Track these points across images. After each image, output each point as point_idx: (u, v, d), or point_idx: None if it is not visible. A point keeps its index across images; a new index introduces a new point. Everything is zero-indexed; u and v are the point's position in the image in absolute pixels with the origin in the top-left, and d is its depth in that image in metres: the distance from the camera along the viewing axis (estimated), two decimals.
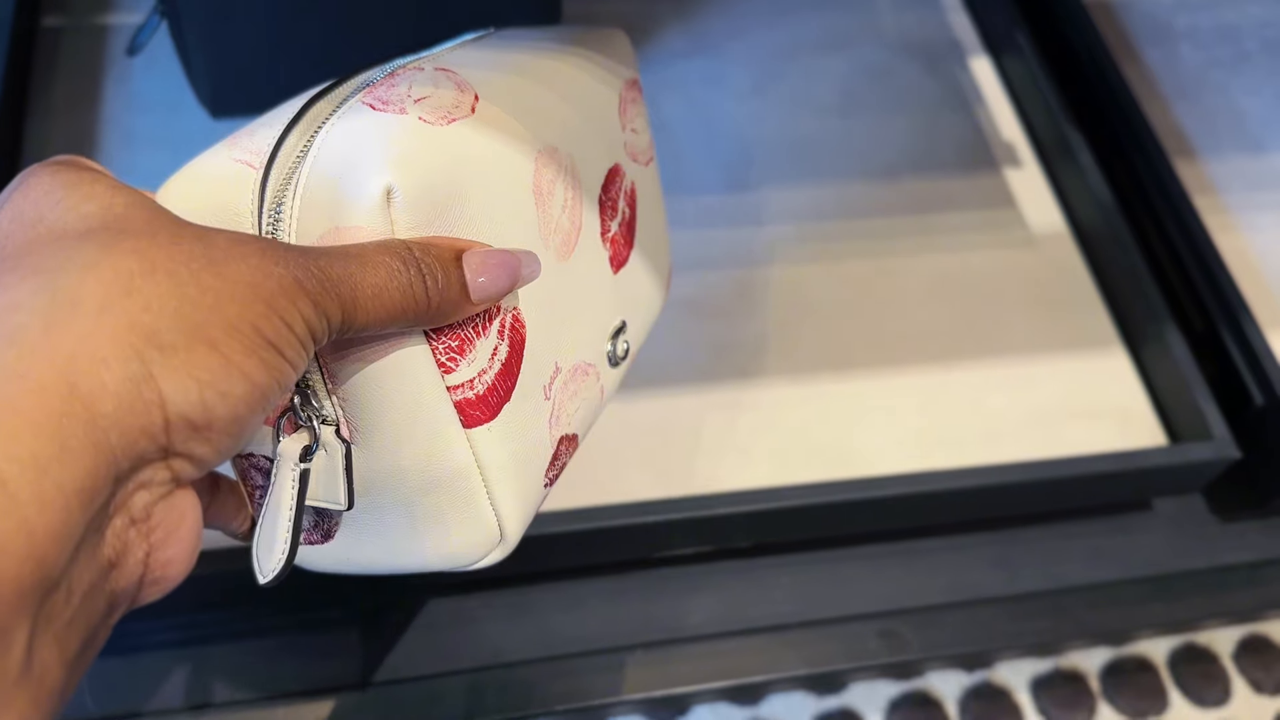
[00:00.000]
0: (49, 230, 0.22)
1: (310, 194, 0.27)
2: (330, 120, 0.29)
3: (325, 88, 0.30)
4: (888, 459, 0.48)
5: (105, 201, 0.23)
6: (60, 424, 0.19)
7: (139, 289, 0.21)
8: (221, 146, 0.29)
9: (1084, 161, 0.58)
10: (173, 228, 0.23)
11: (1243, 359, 0.52)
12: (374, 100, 0.29)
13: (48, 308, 0.20)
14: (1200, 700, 0.51)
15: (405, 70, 0.31)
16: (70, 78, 0.56)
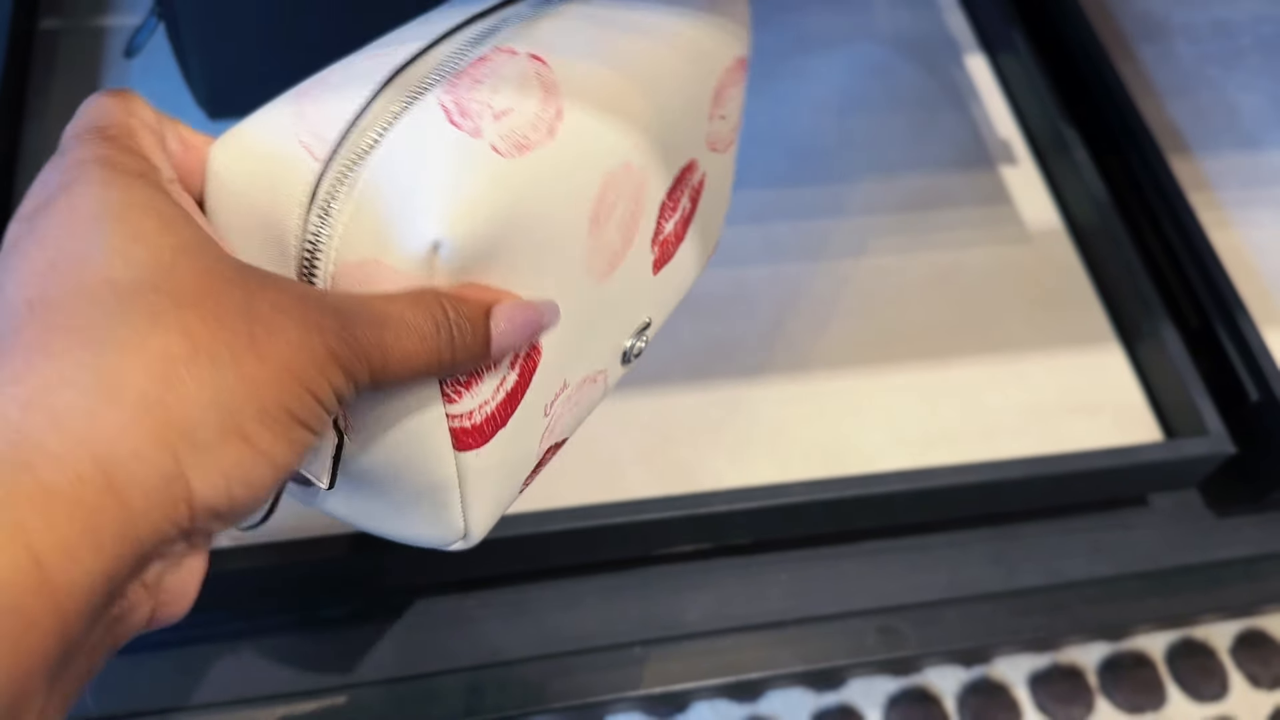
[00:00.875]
0: (95, 276, 0.22)
1: (361, 209, 0.27)
2: (402, 118, 0.27)
3: (407, 61, 0.28)
4: (885, 456, 0.49)
5: (154, 246, 0.22)
6: (95, 516, 0.19)
7: (180, 380, 0.21)
8: (288, 110, 0.28)
9: (1079, 158, 0.58)
10: (219, 291, 0.22)
11: (1238, 355, 0.52)
12: (453, 103, 0.28)
13: (92, 389, 0.20)
14: (1198, 695, 0.51)
15: (496, 55, 0.29)
16: (68, 79, 0.56)
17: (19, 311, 0.21)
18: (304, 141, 0.27)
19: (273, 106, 0.28)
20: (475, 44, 0.30)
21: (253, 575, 0.39)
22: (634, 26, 0.33)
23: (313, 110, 0.28)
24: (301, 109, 0.28)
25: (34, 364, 0.20)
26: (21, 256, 0.22)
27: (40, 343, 0.21)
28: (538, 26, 0.31)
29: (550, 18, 0.32)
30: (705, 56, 0.35)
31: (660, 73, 0.33)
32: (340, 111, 0.27)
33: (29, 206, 0.24)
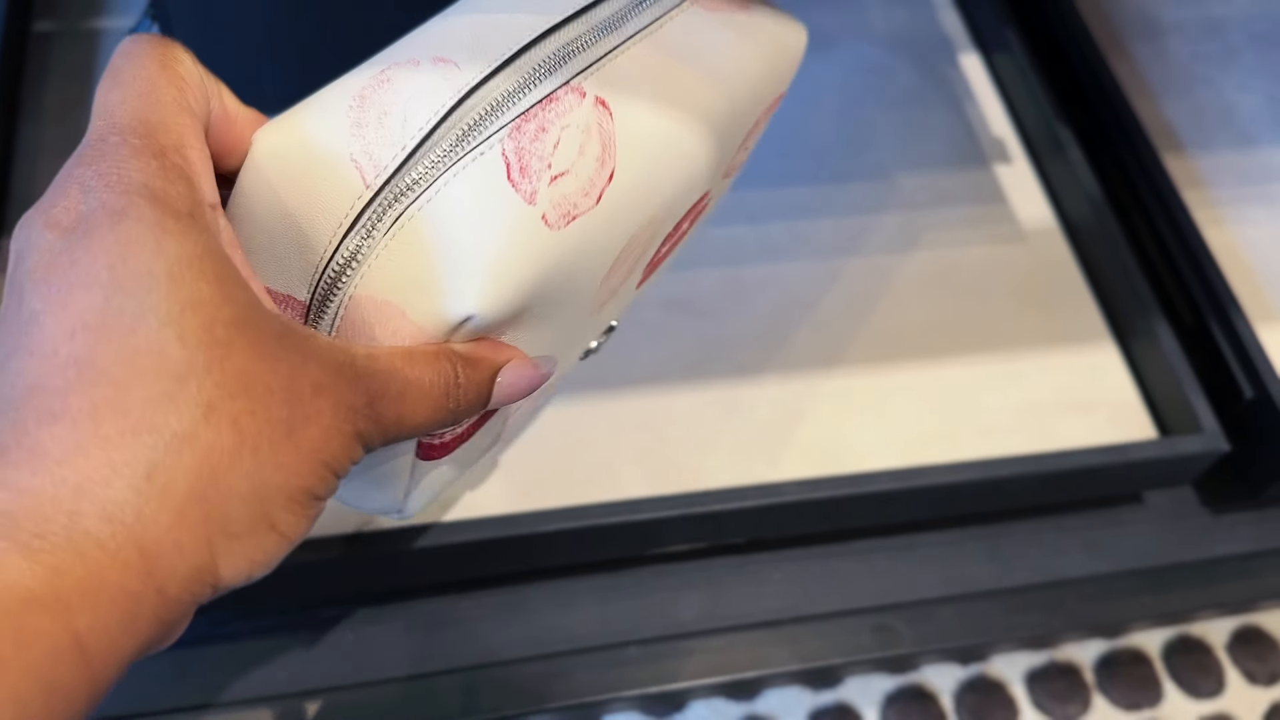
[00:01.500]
0: (147, 347, 0.21)
1: (398, 250, 0.26)
2: (463, 164, 0.27)
3: (473, 87, 0.28)
4: (880, 455, 0.49)
5: (209, 319, 0.22)
6: (135, 604, 0.20)
7: (225, 475, 0.22)
8: (347, 116, 0.27)
9: (1073, 157, 0.58)
10: (267, 376, 0.23)
11: (1232, 352, 0.52)
12: (515, 154, 0.28)
13: (144, 486, 0.21)
14: (1194, 692, 0.51)
15: (565, 97, 0.29)
16: (63, 82, 0.56)
17: (64, 367, 0.21)
18: (356, 160, 0.26)
19: (331, 102, 0.27)
20: (548, 72, 0.29)
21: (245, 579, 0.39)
22: (702, 63, 0.33)
23: (372, 126, 0.27)
24: (361, 120, 0.27)
25: (85, 447, 0.20)
26: (62, 288, 0.21)
27: (90, 420, 0.20)
28: (613, 62, 0.30)
29: (626, 50, 0.31)
30: (756, 98, 0.35)
31: (714, 121, 0.33)
32: (399, 138, 0.27)
33: (65, 215, 0.22)
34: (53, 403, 0.21)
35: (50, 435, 0.20)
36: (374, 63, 0.29)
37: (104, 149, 0.23)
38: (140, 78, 0.24)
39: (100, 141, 0.23)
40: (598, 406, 0.48)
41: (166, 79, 0.25)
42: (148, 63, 0.25)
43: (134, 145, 0.23)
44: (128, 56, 0.25)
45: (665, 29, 0.32)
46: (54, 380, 0.21)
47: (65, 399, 0.21)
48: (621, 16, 0.31)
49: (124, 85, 0.24)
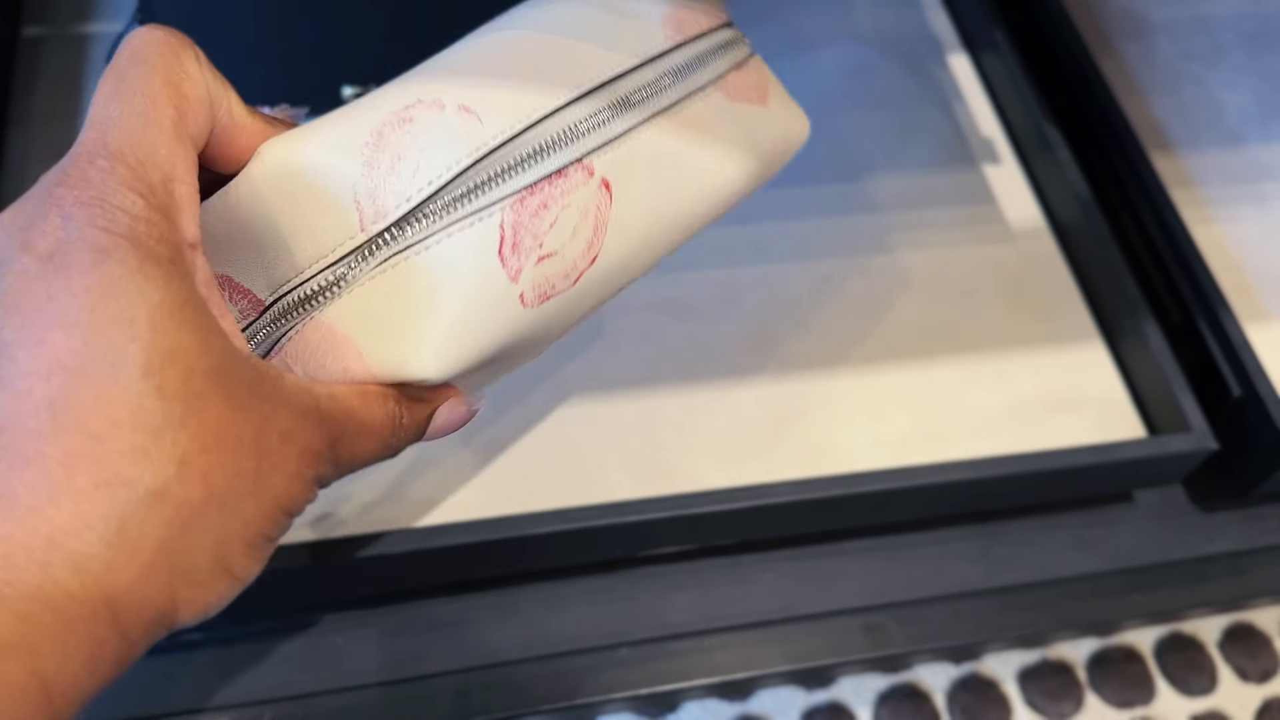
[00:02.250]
0: (125, 396, 0.21)
1: (374, 294, 0.26)
2: (461, 228, 0.27)
3: (496, 146, 0.28)
4: (869, 455, 0.49)
5: (187, 370, 0.22)
6: (99, 648, 0.21)
7: (192, 528, 0.22)
8: (360, 152, 0.27)
9: (1062, 157, 0.58)
10: (239, 427, 0.23)
11: (1220, 351, 0.52)
12: (512, 229, 0.28)
13: (114, 540, 0.21)
14: (1187, 689, 0.51)
15: (574, 174, 0.29)
16: (51, 87, 0.56)
17: (39, 409, 0.21)
18: (359, 201, 0.26)
19: (349, 132, 0.27)
20: (565, 143, 0.29)
21: None
22: (712, 156, 0.33)
23: (384, 169, 0.27)
24: (374, 161, 0.27)
25: (57, 497, 0.20)
26: (39, 324, 0.21)
27: (64, 469, 0.21)
28: (628, 142, 0.31)
29: (643, 129, 0.31)
30: (749, 188, 0.36)
31: (705, 211, 0.34)
32: (407, 188, 0.27)
33: (42, 240, 0.22)
34: (25, 446, 0.20)
35: (22, 481, 0.20)
36: (403, 88, 0.28)
37: (90, 174, 0.22)
38: (142, 93, 0.24)
39: (88, 163, 0.23)
40: (587, 408, 0.48)
41: (168, 98, 0.24)
42: (153, 76, 0.24)
43: (122, 176, 0.23)
44: (135, 61, 0.24)
45: (685, 112, 0.32)
46: (27, 421, 0.21)
47: (39, 444, 0.20)
48: (648, 91, 0.31)
49: (124, 98, 0.24)
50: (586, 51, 0.30)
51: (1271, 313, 0.55)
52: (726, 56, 0.34)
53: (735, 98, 0.34)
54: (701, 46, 0.34)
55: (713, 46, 0.34)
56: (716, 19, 0.35)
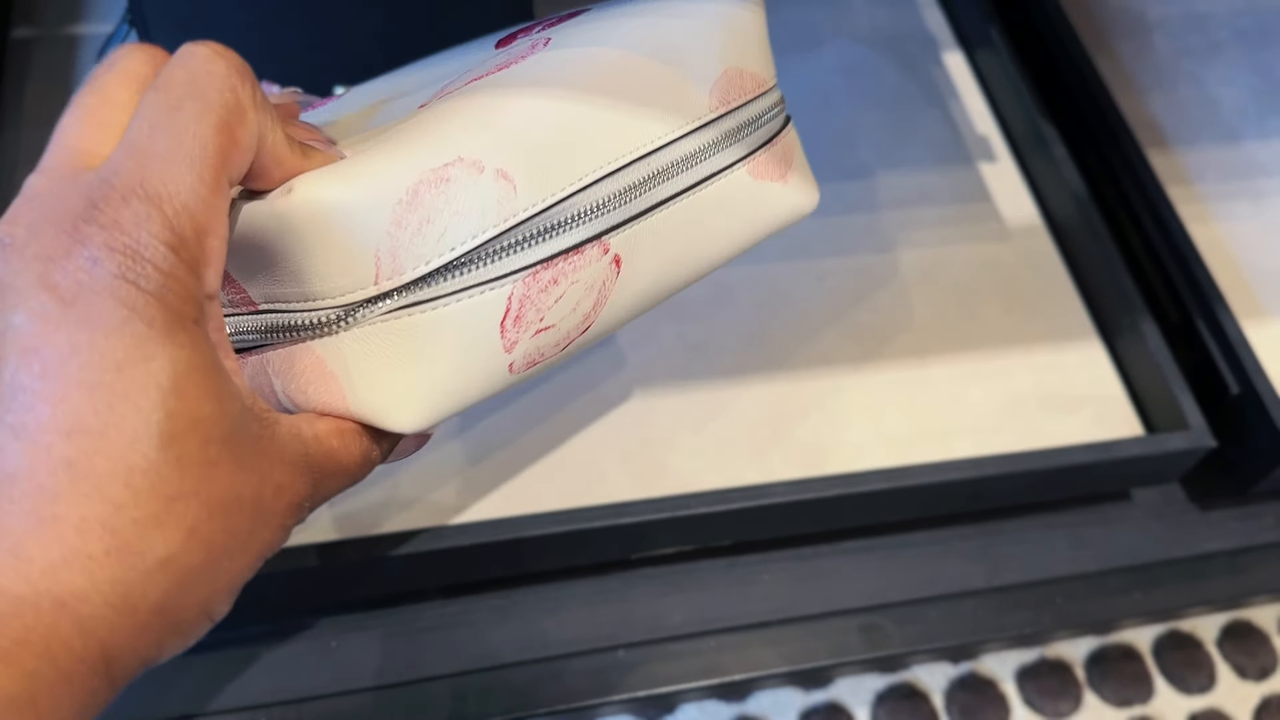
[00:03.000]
0: (142, 465, 0.21)
1: (369, 341, 0.27)
2: (472, 294, 0.27)
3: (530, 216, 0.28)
4: (866, 454, 0.49)
5: (204, 437, 0.22)
6: (92, 696, 0.21)
7: (189, 589, 0.22)
8: (392, 207, 0.26)
9: (1058, 154, 0.58)
10: (241, 490, 0.23)
11: (1218, 348, 0.52)
12: (519, 301, 0.28)
13: (119, 603, 0.21)
14: (1185, 687, 0.51)
15: (590, 250, 0.29)
16: (41, 88, 0.55)
17: (57, 468, 0.20)
18: (380, 256, 0.26)
19: (383, 182, 0.26)
20: (588, 218, 0.29)
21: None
22: (727, 234, 0.34)
23: (410, 230, 0.26)
24: (403, 220, 0.26)
25: (70, 561, 0.21)
26: (60, 377, 0.21)
27: (78, 534, 0.21)
28: (648, 221, 0.31)
29: (665, 209, 0.31)
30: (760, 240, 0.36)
31: (702, 276, 0.34)
32: (429, 252, 0.27)
33: (65, 279, 0.21)
34: (41, 506, 0.20)
35: (36, 542, 0.20)
36: (448, 129, 0.28)
37: (124, 216, 0.22)
38: (193, 134, 0.23)
39: (122, 203, 0.22)
40: (583, 409, 0.48)
41: (219, 146, 0.23)
42: (208, 116, 0.23)
43: (156, 226, 0.22)
44: (193, 93, 0.23)
45: (709, 190, 0.32)
46: (43, 477, 0.21)
47: (55, 505, 0.20)
48: (680, 168, 0.31)
49: (173, 134, 0.22)
50: (631, 114, 0.30)
51: (1269, 310, 0.55)
52: (763, 129, 0.34)
53: (759, 176, 0.34)
54: (742, 117, 0.33)
55: (752, 118, 0.34)
56: (764, 83, 0.34)
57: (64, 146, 0.23)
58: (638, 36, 0.31)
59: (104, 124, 0.23)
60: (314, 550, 0.40)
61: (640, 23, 0.32)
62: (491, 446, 0.46)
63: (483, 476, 0.45)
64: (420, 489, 0.44)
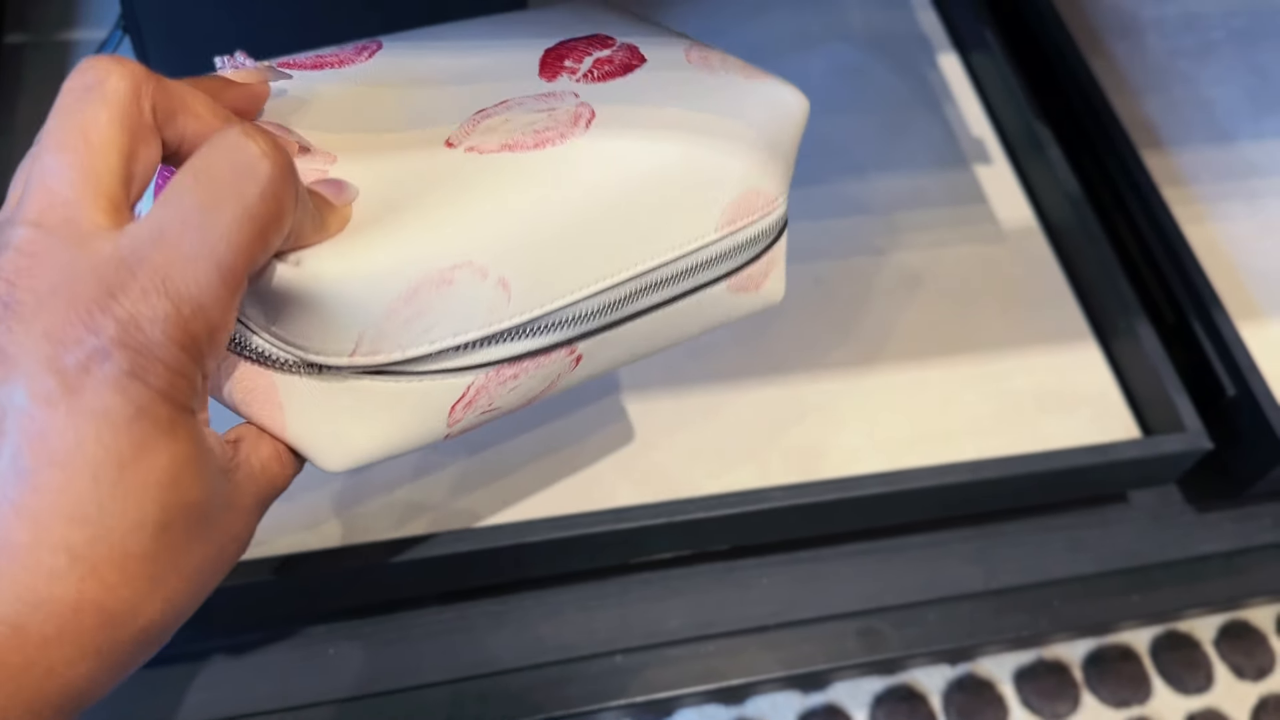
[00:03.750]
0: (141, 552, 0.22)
1: (321, 395, 0.27)
2: (435, 376, 0.28)
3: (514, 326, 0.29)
4: (863, 458, 0.49)
5: (194, 519, 0.23)
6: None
7: (151, 645, 0.24)
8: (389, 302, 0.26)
9: (1053, 156, 0.58)
10: (212, 555, 0.24)
11: (1214, 350, 0.52)
12: (477, 390, 0.29)
13: (97, 662, 0.22)
14: (1183, 688, 0.51)
15: (557, 351, 0.30)
16: (34, 95, 0.55)
17: (56, 551, 0.21)
18: (362, 336, 0.27)
19: (385, 277, 0.26)
20: (566, 326, 0.30)
21: (229, 593, 0.39)
22: (690, 333, 0.35)
23: (399, 322, 0.27)
24: (395, 312, 0.27)
25: (64, 637, 0.21)
26: (64, 465, 0.21)
27: (74, 612, 0.21)
28: (622, 327, 0.32)
29: (641, 317, 0.32)
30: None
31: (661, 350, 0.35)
32: (409, 342, 0.27)
33: (72, 364, 0.21)
34: (39, 586, 0.21)
35: (33, 619, 0.21)
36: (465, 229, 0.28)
37: (141, 313, 0.21)
38: (228, 243, 0.22)
39: (142, 295, 0.21)
40: (580, 415, 0.48)
41: (251, 254, 0.23)
42: (247, 226, 0.22)
43: (173, 328, 0.22)
44: (233, 198, 0.22)
45: (686, 301, 0.33)
46: (43, 557, 0.21)
47: (52, 587, 0.21)
48: (667, 282, 0.32)
49: (205, 238, 0.22)
50: (640, 232, 0.30)
51: (1264, 311, 0.55)
52: (756, 245, 0.34)
53: (736, 288, 0.35)
54: (742, 238, 0.33)
55: (752, 238, 0.34)
56: (772, 200, 0.34)
57: (54, 196, 0.23)
58: (679, 145, 0.31)
59: (94, 172, 0.23)
60: (311, 557, 0.39)
61: (685, 126, 0.31)
62: (488, 452, 0.46)
63: (479, 482, 0.45)
64: (417, 495, 0.44)
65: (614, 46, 0.34)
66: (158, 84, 0.24)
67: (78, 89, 0.23)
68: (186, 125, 0.25)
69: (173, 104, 0.24)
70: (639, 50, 0.34)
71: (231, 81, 0.28)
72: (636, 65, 0.33)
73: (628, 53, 0.33)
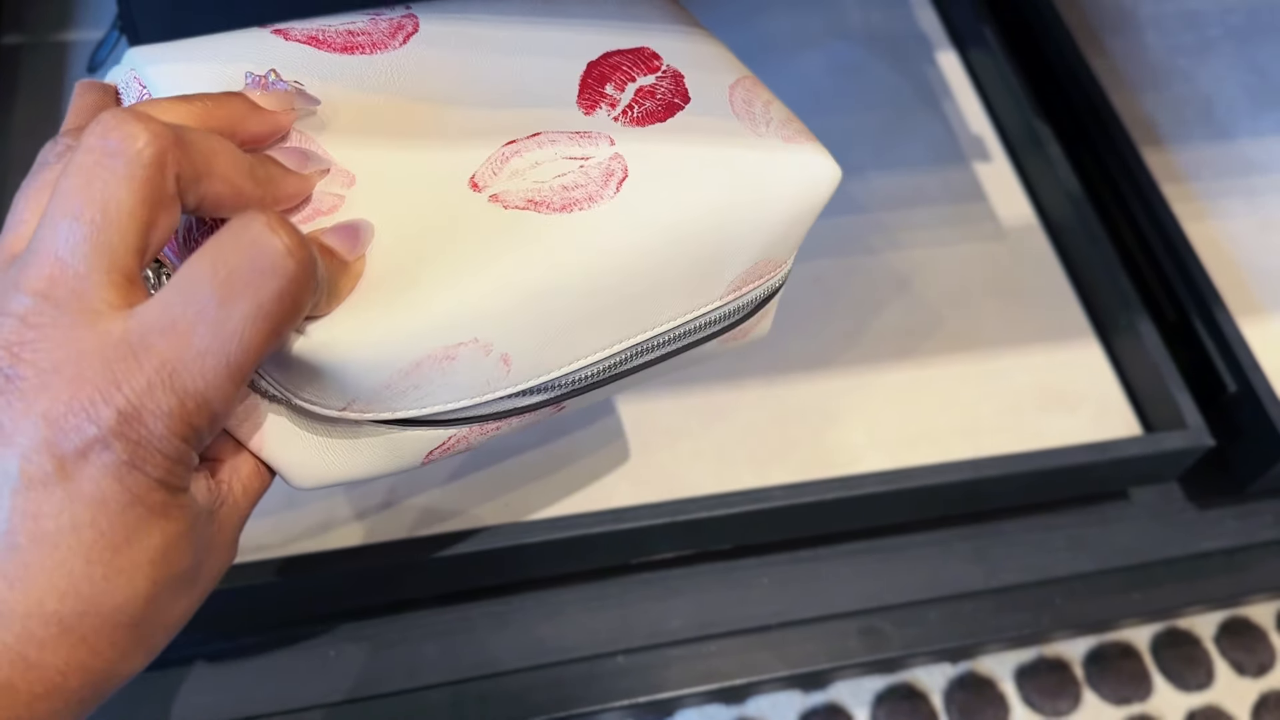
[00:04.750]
0: (130, 621, 0.23)
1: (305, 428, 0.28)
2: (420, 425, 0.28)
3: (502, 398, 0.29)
4: (864, 457, 0.49)
5: (180, 585, 0.24)
6: None
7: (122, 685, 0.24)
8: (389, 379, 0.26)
9: (1052, 153, 0.58)
10: (194, 601, 0.25)
11: (1215, 347, 0.52)
12: (458, 440, 0.29)
13: (81, 712, 0.23)
14: (1184, 684, 0.51)
15: (546, 409, 0.31)
16: (31, 96, 0.55)
17: (48, 622, 0.22)
18: (354, 402, 0.27)
19: (396, 346, 0.26)
20: (561, 387, 0.30)
21: (230, 595, 0.39)
22: (676, 372, 0.35)
23: (396, 390, 0.27)
24: (393, 384, 0.27)
25: (52, 696, 0.22)
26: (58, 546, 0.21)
27: (61, 675, 0.22)
28: (606, 387, 0.32)
29: (632, 375, 0.32)
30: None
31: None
32: (403, 405, 0.27)
33: (69, 449, 0.21)
34: (29, 653, 0.22)
35: (24, 680, 0.22)
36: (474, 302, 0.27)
37: (146, 404, 0.21)
38: (240, 341, 0.22)
39: (147, 389, 0.21)
40: (580, 415, 0.47)
41: (262, 350, 0.22)
42: (262, 324, 0.22)
43: (176, 422, 0.22)
44: (249, 294, 0.21)
45: (677, 358, 0.33)
46: (34, 628, 0.22)
47: (42, 653, 0.22)
48: (666, 344, 0.32)
49: (216, 334, 0.21)
50: (649, 300, 0.30)
51: (1265, 307, 0.55)
52: (756, 306, 0.34)
53: (728, 340, 0.35)
54: (745, 300, 0.33)
55: (755, 300, 0.34)
56: (780, 265, 0.34)
57: (65, 267, 0.22)
58: (703, 216, 0.30)
59: (109, 248, 0.22)
60: (311, 560, 0.39)
61: (715, 199, 0.30)
62: (489, 453, 0.45)
63: (481, 483, 0.45)
64: (418, 497, 0.44)
65: (659, 73, 0.32)
66: (184, 149, 0.23)
67: (99, 151, 0.22)
68: (209, 188, 0.23)
69: (197, 169, 0.23)
70: (683, 82, 0.32)
71: (256, 107, 0.27)
72: (679, 107, 0.31)
73: (672, 85, 0.32)
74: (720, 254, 0.31)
